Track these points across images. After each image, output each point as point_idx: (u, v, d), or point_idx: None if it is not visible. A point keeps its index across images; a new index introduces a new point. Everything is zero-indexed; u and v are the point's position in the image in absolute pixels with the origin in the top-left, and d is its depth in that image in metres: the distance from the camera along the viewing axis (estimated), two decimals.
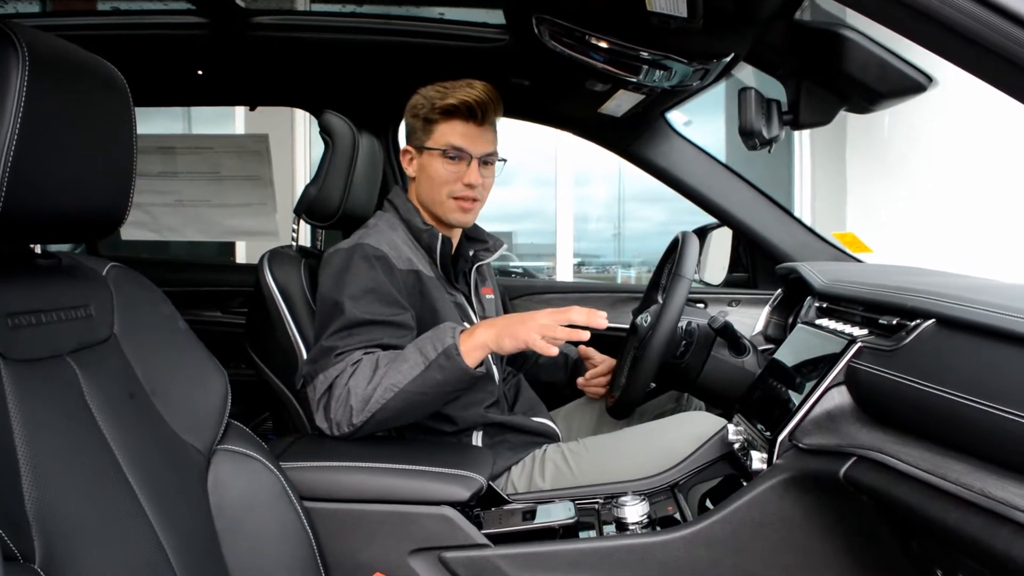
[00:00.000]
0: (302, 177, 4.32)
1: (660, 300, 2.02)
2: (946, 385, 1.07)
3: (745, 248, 2.39)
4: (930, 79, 1.22)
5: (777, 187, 4.88)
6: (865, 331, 1.35)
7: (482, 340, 1.42)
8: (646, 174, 2.30)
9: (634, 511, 1.43)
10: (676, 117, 2.20)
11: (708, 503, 1.50)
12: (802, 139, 4.91)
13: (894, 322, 1.26)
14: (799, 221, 2.25)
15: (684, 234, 1.80)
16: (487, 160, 1.73)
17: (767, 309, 2.28)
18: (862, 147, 4.57)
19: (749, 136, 1.34)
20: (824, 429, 1.27)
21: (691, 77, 1.43)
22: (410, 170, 1.76)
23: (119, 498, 0.98)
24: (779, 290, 2.26)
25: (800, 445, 1.27)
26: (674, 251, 1.95)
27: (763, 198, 2.23)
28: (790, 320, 2.09)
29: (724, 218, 2.26)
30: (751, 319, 2.26)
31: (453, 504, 1.35)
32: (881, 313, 1.32)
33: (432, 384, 1.41)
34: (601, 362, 2.02)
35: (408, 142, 1.75)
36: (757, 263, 2.35)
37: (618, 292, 2.46)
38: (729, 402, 1.84)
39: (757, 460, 1.33)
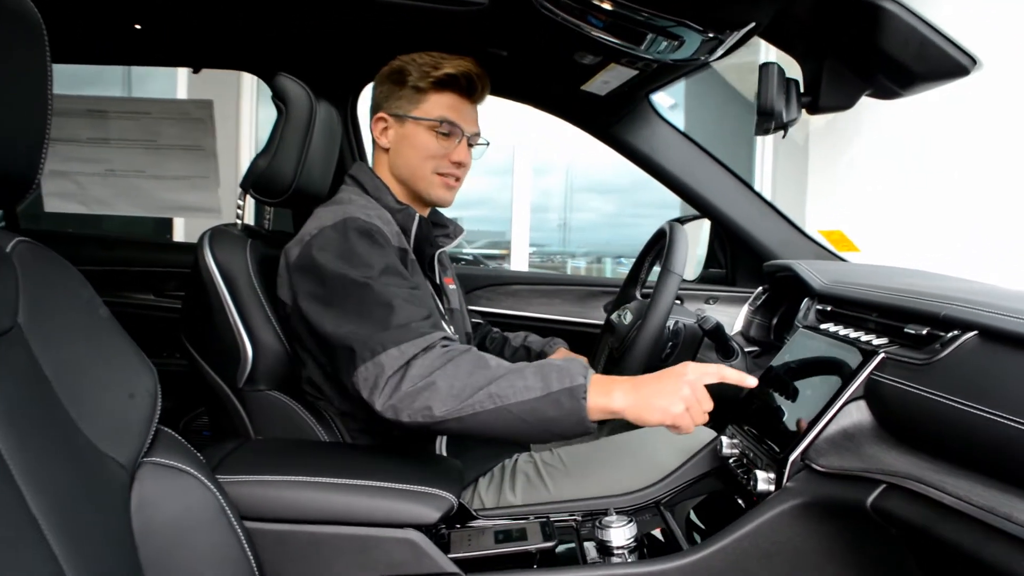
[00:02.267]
0: (247, 151, 4.03)
1: (639, 296, 1.88)
2: (994, 406, 0.94)
3: (724, 242, 2.26)
4: (974, 61, 1.09)
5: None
6: (884, 340, 1.21)
7: (618, 404, 1.18)
8: (597, 164, 2.15)
9: (620, 533, 1.27)
10: (661, 100, 2.05)
11: (696, 519, 1.36)
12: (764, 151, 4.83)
13: (923, 332, 1.13)
14: (783, 216, 2.12)
15: (672, 225, 1.65)
16: (472, 141, 1.59)
17: (746, 308, 2.16)
18: (825, 138, 4.50)
19: (767, 116, 1.19)
20: (842, 449, 1.13)
21: (700, 50, 1.27)
22: (383, 140, 1.58)
23: (14, 527, 0.78)
24: (760, 288, 2.13)
25: (815, 467, 1.13)
26: (657, 243, 1.81)
27: (746, 190, 2.10)
28: (774, 321, 1.97)
29: (704, 209, 2.12)
30: (729, 318, 2.12)
31: (419, 527, 1.17)
32: (906, 321, 1.19)
33: (540, 417, 1.17)
34: None
35: (383, 110, 1.57)
36: (737, 258, 2.22)
37: (588, 286, 2.31)
38: (715, 407, 1.71)
39: (762, 481, 1.19)
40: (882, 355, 1.16)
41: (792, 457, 1.16)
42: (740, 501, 1.31)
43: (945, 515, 0.93)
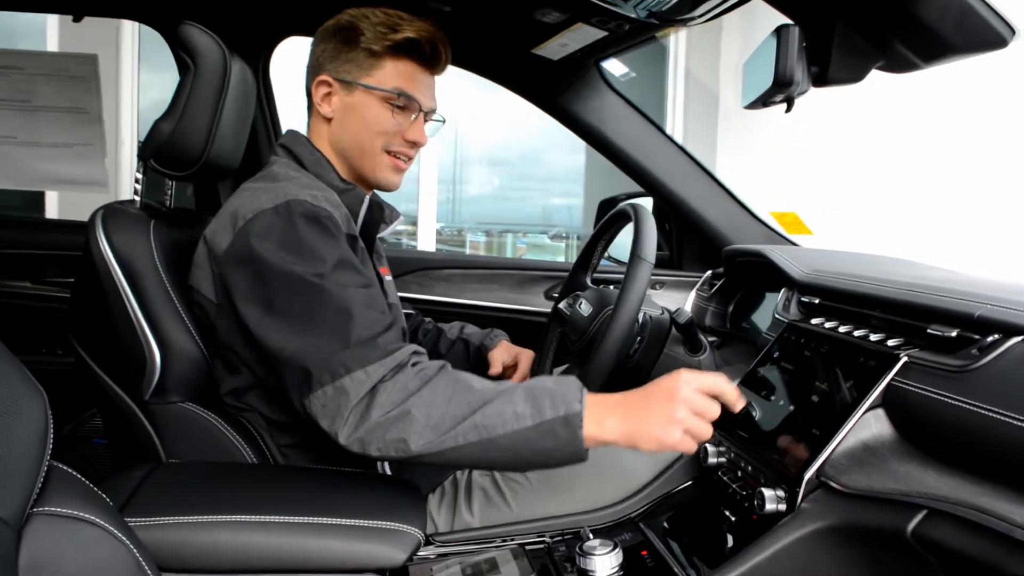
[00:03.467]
0: (128, 117, 3.60)
1: (589, 283, 1.72)
2: None
3: (671, 224, 2.13)
4: (1013, 31, 0.97)
5: None
6: (898, 340, 1.09)
7: (610, 435, 1.06)
8: (485, 136, 1.98)
9: (605, 563, 1.11)
10: (612, 68, 1.88)
11: (683, 539, 1.22)
12: (675, 103, 4.75)
13: (952, 334, 1.01)
14: (734, 197, 2.01)
15: (636, 207, 1.49)
16: (429, 118, 1.40)
17: (694, 294, 2.04)
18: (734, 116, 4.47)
19: (782, 87, 1.05)
20: (867, 466, 1.01)
21: (692, 5, 1.11)
22: (325, 107, 1.35)
23: None
24: (708, 273, 2.02)
25: (837, 486, 1.00)
26: (611, 227, 1.66)
27: (697, 169, 1.97)
28: (730, 309, 1.85)
29: (652, 187, 1.99)
30: (675, 304, 2.00)
31: (382, 571, 0.98)
32: (926, 320, 1.07)
33: (532, 449, 1.04)
34: (514, 362, 1.69)
35: (326, 72, 1.34)
36: (684, 241, 2.09)
37: (527, 270, 2.13)
38: None
39: (770, 500, 1.05)
40: (905, 359, 1.03)
41: (808, 475, 1.03)
42: (731, 516, 1.18)
43: (1001, 544, 0.82)
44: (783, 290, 1.47)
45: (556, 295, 2.06)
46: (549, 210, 6.66)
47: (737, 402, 1.11)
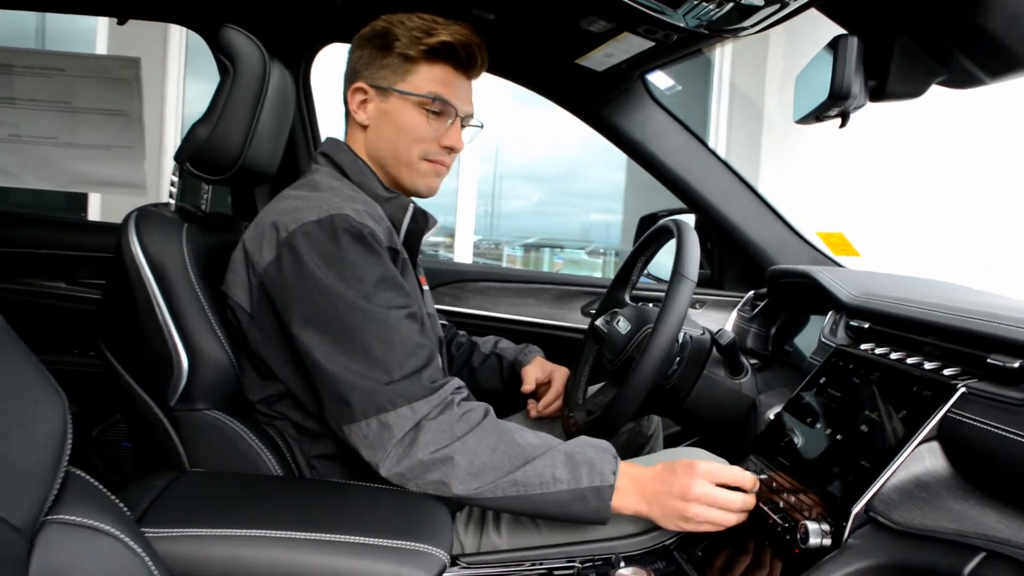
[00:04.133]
0: (173, 121, 3.63)
1: (628, 300, 1.67)
2: None
3: (713, 242, 2.08)
4: None
5: None
6: (955, 370, 1.03)
7: (632, 509, 1.14)
8: (525, 151, 1.94)
9: None
10: (657, 81, 1.84)
11: (717, 566, 1.16)
12: (719, 118, 4.67)
13: (1016, 364, 0.95)
14: (780, 216, 1.95)
15: (678, 223, 1.45)
16: (466, 123, 1.36)
17: (736, 314, 1.98)
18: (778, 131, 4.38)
19: (840, 99, 1.00)
20: (919, 502, 0.95)
21: (744, 16, 1.06)
22: (361, 115, 1.33)
23: None
24: (751, 293, 1.96)
25: (887, 523, 0.94)
26: (652, 244, 1.61)
27: (743, 186, 1.92)
28: (772, 331, 1.79)
29: (696, 204, 1.93)
30: (715, 324, 1.94)
31: None
32: (985, 349, 1.01)
33: (561, 511, 1.10)
34: (548, 379, 1.65)
35: (362, 79, 1.32)
36: (726, 260, 2.04)
37: (564, 285, 2.09)
38: (718, 431, 1.52)
39: (814, 534, 1.00)
40: (963, 390, 0.97)
41: (856, 509, 0.97)
42: (770, 548, 1.12)
43: None
44: (831, 313, 1.41)
45: (593, 311, 2.02)
46: (587, 226, 6.65)
47: (755, 487, 1.14)
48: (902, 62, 1.04)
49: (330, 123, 2.02)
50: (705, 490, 1.10)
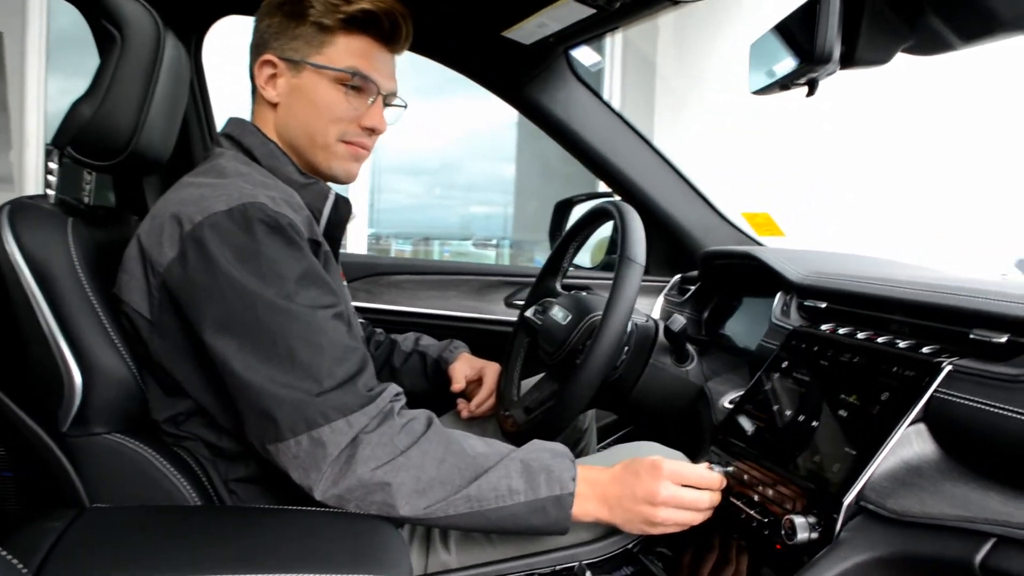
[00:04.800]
0: (35, 102, 3.17)
1: (559, 288, 1.59)
2: None
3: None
4: None
5: None
6: (932, 347, 0.99)
7: (593, 516, 1.07)
8: (405, 144, 1.84)
9: None
10: (582, 57, 1.75)
11: (691, 568, 1.09)
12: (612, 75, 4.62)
13: (1003, 339, 0.92)
14: (704, 198, 1.90)
15: (619, 205, 1.37)
16: (389, 101, 1.24)
17: (661, 299, 1.93)
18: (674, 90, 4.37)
19: (816, 63, 0.93)
20: (914, 488, 0.90)
21: None
22: (270, 91, 1.18)
23: None
24: (677, 277, 1.91)
25: (882, 512, 0.88)
26: (585, 228, 1.53)
27: (668, 168, 1.86)
28: (705, 316, 1.74)
29: (621, 187, 1.87)
30: (641, 311, 1.89)
31: None
32: (964, 324, 0.97)
33: (519, 524, 1.01)
34: (478, 376, 1.55)
35: (271, 51, 1.17)
36: (651, 244, 1.97)
37: (485, 275, 1.98)
38: (666, 422, 1.46)
39: (802, 528, 0.93)
40: (949, 367, 0.93)
41: (848, 500, 0.91)
42: (746, 545, 1.05)
43: None
44: (779, 295, 1.36)
45: (519, 302, 1.92)
46: (473, 218, 6.63)
47: (722, 486, 1.09)
48: (872, 25, 0.98)
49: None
50: (672, 492, 1.04)
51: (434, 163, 6.15)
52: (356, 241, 4.25)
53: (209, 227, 0.98)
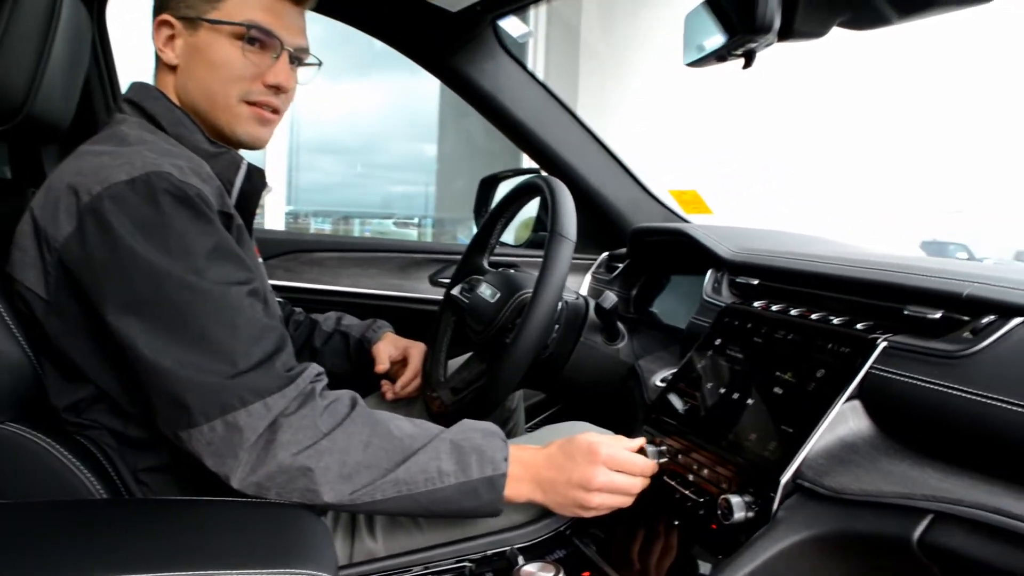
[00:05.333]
0: None
1: (487, 266, 1.55)
2: None
3: None
4: None
5: None
6: (866, 323, 0.99)
7: (526, 497, 1.03)
8: (325, 122, 1.77)
9: None
10: (510, 28, 1.70)
11: (625, 549, 1.07)
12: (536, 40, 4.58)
13: (937, 316, 0.92)
14: (632, 175, 1.88)
15: (549, 181, 1.34)
16: (299, 58, 1.15)
17: (589, 277, 1.91)
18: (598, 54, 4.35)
19: (763, 32, 0.91)
20: (851, 465, 0.89)
21: None
22: (169, 54, 1.09)
23: None
24: (605, 255, 1.89)
25: (820, 490, 0.87)
26: (514, 203, 1.49)
27: (596, 144, 1.83)
28: (633, 294, 1.73)
29: (549, 163, 1.83)
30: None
31: None
32: (899, 301, 0.97)
33: (450, 508, 0.97)
34: (403, 356, 1.50)
35: (167, 11, 1.08)
36: (579, 221, 1.95)
37: (409, 252, 1.91)
38: (597, 401, 1.43)
39: (738, 508, 0.92)
40: (884, 344, 0.92)
41: (785, 478, 0.90)
42: (681, 526, 1.04)
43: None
44: (710, 272, 1.35)
45: (444, 280, 1.87)
46: (394, 197, 6.57)
47: (654, 471, 1.07)
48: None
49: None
50: (607, 479, 1.01)
51: (355, 142, 6.07)
52: (273, 220, 4.12)
53: (109, 199, 0.90)
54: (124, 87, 1.17)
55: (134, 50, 1.56)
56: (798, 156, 4.09)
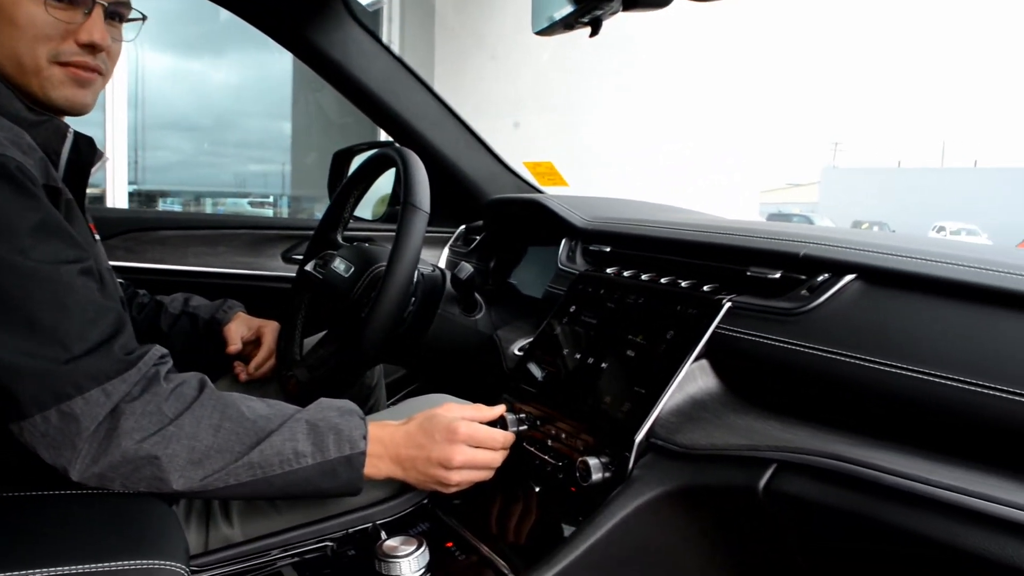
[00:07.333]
0: None
1: (340, 240, 1.51)
2: (899, 358, 0.80)
3: None
4: None
5: None
6: (712, 285, 1.03)
7: (385, 474, 1.02)
8: (172, 102, 1.69)
9: (412, 566, 0.94)
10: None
11: (487, 518, 1.07)
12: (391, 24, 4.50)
13: (776, 275, 0.96)
14: (487, 147, 1.87)
15: (401, 152, 1.31)
16: (117, 12, 1.04)
17: (447, 250, 1.90)
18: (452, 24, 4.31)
19: (603, 1, 0.91)
20: (700, 422, 0.93)
21: None
22: None
23: None
24: (462, 227, 1.89)
25: (673, 447, 0.90)
26: (367, 176, 1.46)
27: (451, 116, 1.81)
28: (491, 265, 1.73)
29: (404, 136, 1.79)
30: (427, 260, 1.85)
31: None
32: (742, 263, 1.01)
33: (308, 489, 0.95)
34: (255, 336, 1.44)
35: None
36: (435, 194, 1.93)
37: (259, 229, 1.83)
38: (457, 373, 1.43)
39: (596, 469, 0.94)
40: (728, 304, 0.96)
41: (639, 437, 0.92)
42: (541, 489, 1.05)
43: (872, 494, 0.77)
44: (564, 241, 1.37)
45: (298, 256, 1.81)
46: (249, 176, 6.35)
47: (511, 441, 1.09)
48: None
49: None
50: (467, 456, 1.02)
51: (208, 119, 5.87)
52: (115, 199, 3.86)
53: None
54: None
55: None
56: (656, 130, 4.22)
